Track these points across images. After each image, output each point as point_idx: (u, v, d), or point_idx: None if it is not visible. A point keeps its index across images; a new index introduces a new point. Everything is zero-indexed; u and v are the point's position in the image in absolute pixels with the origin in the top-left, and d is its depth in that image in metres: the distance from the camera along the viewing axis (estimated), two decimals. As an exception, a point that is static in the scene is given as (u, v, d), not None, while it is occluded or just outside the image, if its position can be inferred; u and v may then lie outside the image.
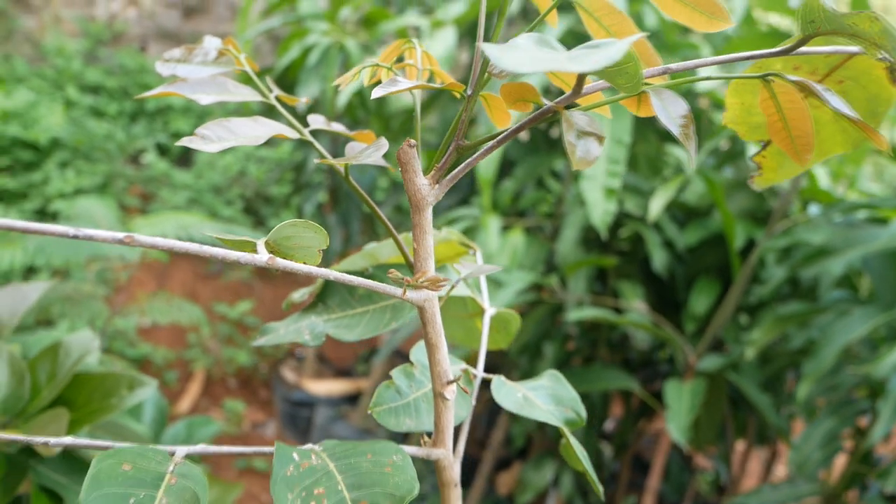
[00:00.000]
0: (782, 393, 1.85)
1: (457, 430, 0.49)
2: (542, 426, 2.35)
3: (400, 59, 0.52)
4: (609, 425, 3.19)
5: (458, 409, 0.48)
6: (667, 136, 2.15)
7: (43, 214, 3.44)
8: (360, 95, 2.95)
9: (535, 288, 2.07)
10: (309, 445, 0.39)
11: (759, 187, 0.50)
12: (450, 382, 0.42)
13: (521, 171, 2.18)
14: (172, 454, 0.37)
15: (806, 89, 0.34)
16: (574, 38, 1.94)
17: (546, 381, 0.53)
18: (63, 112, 4.39)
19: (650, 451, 3.11)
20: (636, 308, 1.90)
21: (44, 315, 2.21)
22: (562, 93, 0.39)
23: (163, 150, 4.63)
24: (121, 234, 0.31)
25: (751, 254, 1.72)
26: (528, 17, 2.25)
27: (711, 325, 1.76)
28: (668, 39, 2.12)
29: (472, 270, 0.47)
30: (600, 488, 0.50)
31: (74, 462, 0.86)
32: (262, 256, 0.33)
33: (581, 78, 0.33)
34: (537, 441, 2.49)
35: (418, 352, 0.49)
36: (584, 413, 0.51)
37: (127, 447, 0.36)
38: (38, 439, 0.52)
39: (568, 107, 0.37)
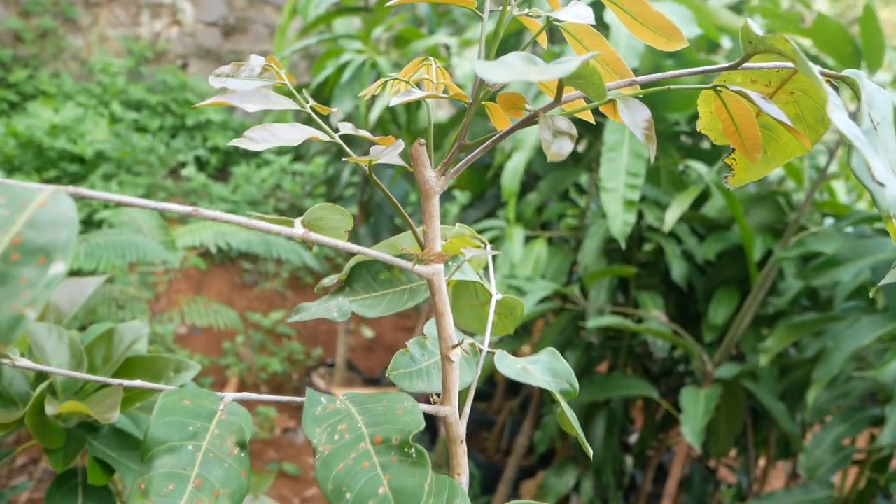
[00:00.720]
0: (801, 403, 1.89)
1: (464, 395, 0.56)
2: (564, 434, 2.40)
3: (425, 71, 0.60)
4: (633, 438, 3.22)
5: (465, 375, 0.55)
6: (688, 152, 2.21)
7: (89, 224, 3.58)
8: (392, 111, 3.05)
9: (557, 297, 2.13)
10: (333, 395, 0.46)
11: (732, 186, 0.56)
12: (454, 346, 0.49)
13: (545, 184, 2.25)
14: (222, 398, 0.45)
15: (745, 97, 0.41)
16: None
17: (544, 357, 0.60)
18: (108, 127, 4.56)
19: (668, 463, 3.13)
20: (655, 318, 1.95)
21: (92, 317, 2.32)
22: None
23: (201, 164, 4.79)
24: (189, 208, 0.39)
25: (767, 266, 1.77)
26: (555, 39, 2.32)
27: (728, 334, 1.81)
28: (690, 57, 2.18)
29: (476, 254, 0.55)
30: (590, 450, 0.56)
31: (124, 438, 0.95)
32: (299, 230, 0.41)
33: (559, 88, 0.40)
34: (560, 449, 2.54)
35: (430, 326, 0.57)
36: (576, 384, 0.58)
37: (186, 388, 0.44)
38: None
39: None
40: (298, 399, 0.48)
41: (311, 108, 0.60)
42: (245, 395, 0.46)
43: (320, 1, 2.92)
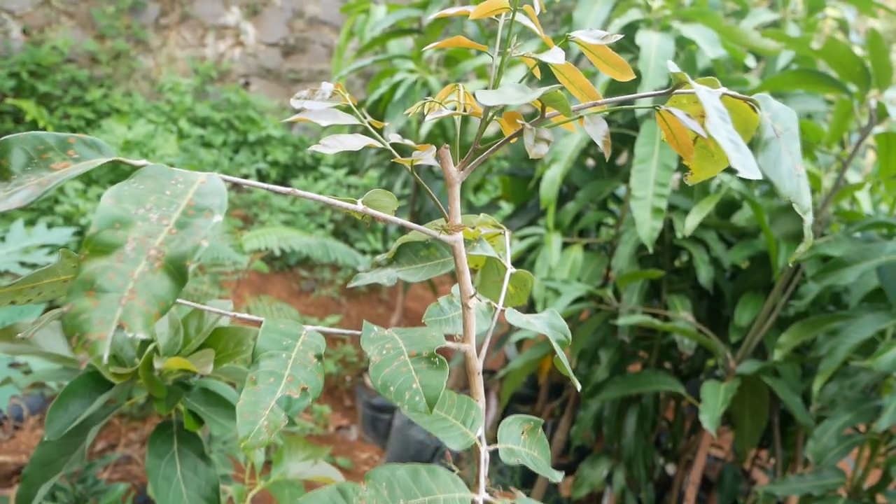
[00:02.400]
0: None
1: (482, 339, 0.73)
2: (598, 428, 2.53)
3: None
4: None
5: (482, 324, 0.73)
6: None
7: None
8: (442, 127, 3.25)
9: (592, 298, 2.28)
10: (382, 329, 0.64)
11: (690, 183, 0.72)
12: (471, 297, 0.66)
13: (582, 194, 2.41)
14: (305, 327, 0.63)
15: (670, 115, 0.58)
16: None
17: (545, 315, 0.77)
18: (176, 142, 4.88)
19: (712, 470, 3.23)
20: (683, 318, 2.08)
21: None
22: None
23: (262, 177, 5.06)
24: (286, 189, 0.57)
25: (785, 270, 1.89)
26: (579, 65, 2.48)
27: (750, 333, 1.94)
28: (720, 76, 2.32)
29: (489, 231, 0.72)
30: (578, 385, 0.73)
31: (210, 396, 1.15)
32: (359, 206, 0.59)
33: (542, 107, 0.58)
34: (595, 445, 2.67)
35: (456, 288, 0.74)
36: (570, 336, 0.75)
37: (281, 320, 0.62)
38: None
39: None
40: (356, 332, 0.65)
41: (369, 122, 0.79)
42: (321, 328, 0.64)
43: (376, 24, 3.13)
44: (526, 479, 2.85)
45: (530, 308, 2.83)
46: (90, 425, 1.08)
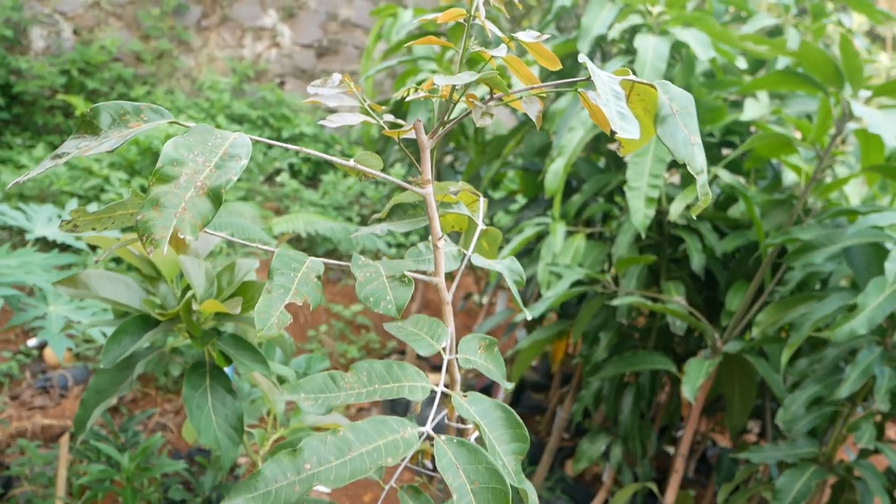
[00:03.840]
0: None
1: (452, 275, 0.92)
2: (597, 404, 2.70)
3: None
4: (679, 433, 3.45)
5: (452, 264, 0.91)
6: (714, 160, 2.50)
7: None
8: (461, 125, 3.44)
9: (593, 283, 2.45)
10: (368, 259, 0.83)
11: (622, 154, 0.90)
12: (439, 238, 0.85)
13: (587, 186, 2.58)
14: (307, 258, 0.82)
15: (585, 96, 0.75)
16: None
17: (507, 261, 0.95)
18: (214, 137, 5.13)
19: (713, 456, 3.36)
20: (676, 302, 2.24)
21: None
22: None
23: (294, 172, 5.30)
24: (294, 147, 0.76)
25: (768, 252, 2.04)
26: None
27: (735, 316, 2.09)
28: (719, 77, 2.48)
29: (455, 188, 0.91)
30: (526, 310, 0.91)
31: (238, 341, 1.35)
32: (352, 163, 0.78)
33: (491, 89, 0.76)
34: (595, 422, 2.83)
35: (429, 236, 0.93)
36: (524, 276, 0.93)
37: (290, 250, 0.82)
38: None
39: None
40: (346, 264, 0.84)
41: (368, 105, 0.97)
42: (317, 259, 0.83)
43: (401, 27, 3.33)
44: (532, 458, 3.02)
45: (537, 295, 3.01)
46: (137, 360, 1.29)
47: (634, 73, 2.22)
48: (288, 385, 0.78)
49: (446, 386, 0.80)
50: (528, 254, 2.89)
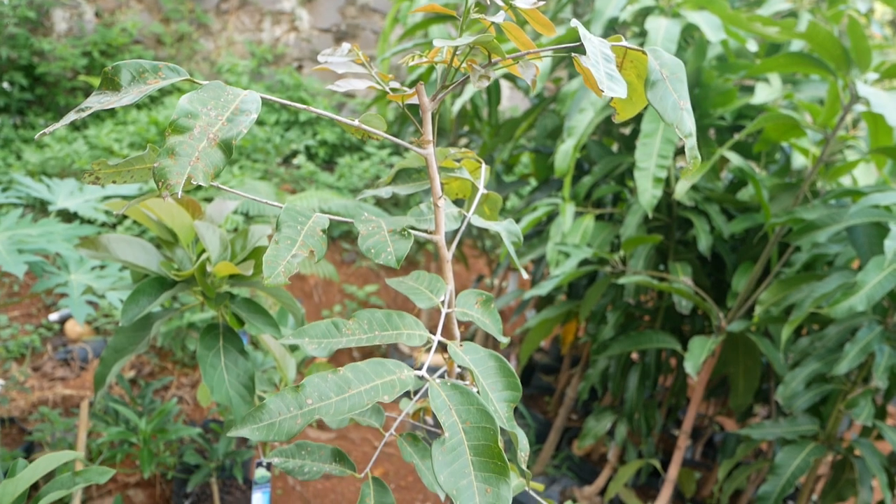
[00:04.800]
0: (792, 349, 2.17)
1: (453, 235, 0.96)
2: (603, 383, 2.73)
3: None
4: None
5: (452, 224, 0.95)
6: (722, 142, 2.52)
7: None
8: (475, 107, 3.47)
9: (601, 262, 2.48)
10: (370, 216, 0.88)
11: (617, 121, 0.94)
12: (439, 197, 0.89)
13: (598, 168, 2.61)
14: (315, 212, 0.87)
15: (579, 62, 0.79)
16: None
17: (505, 222, 1.00)
18: (232, 119, 5.19)
19: (720, 441, 3.40)
20: (682, 282, 2.27)
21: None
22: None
23: (311, 155, 5.36)
24: (301, 106, 0.81)
25: (775, 237, 2.06)
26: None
27: (739, 296, 2.12)
28: (731, 60, 2.50)
29: (453, 153, 0.95)
30: (523, 270, 0.95)
31: (250, 304, 1.40)
32: (356, 123, 0.82)
33: (489, 54, 0.80)
34: (601, 400, 2.87)
35: (426, 198, 0.97)
36: (521, 237, 0.97)
37: (298, 204, 0.86)
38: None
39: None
40: (349, 220, 0.89)
41: (375, 73, 1.01)
42: (323, 214, 0.88)
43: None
44: (539, 436, 3.07)
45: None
46: (154, 320, 1.35)
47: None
48: (293, 331, 0.82)
49: (443, 336, 0.84)
50: (538, 234, 2.93)
